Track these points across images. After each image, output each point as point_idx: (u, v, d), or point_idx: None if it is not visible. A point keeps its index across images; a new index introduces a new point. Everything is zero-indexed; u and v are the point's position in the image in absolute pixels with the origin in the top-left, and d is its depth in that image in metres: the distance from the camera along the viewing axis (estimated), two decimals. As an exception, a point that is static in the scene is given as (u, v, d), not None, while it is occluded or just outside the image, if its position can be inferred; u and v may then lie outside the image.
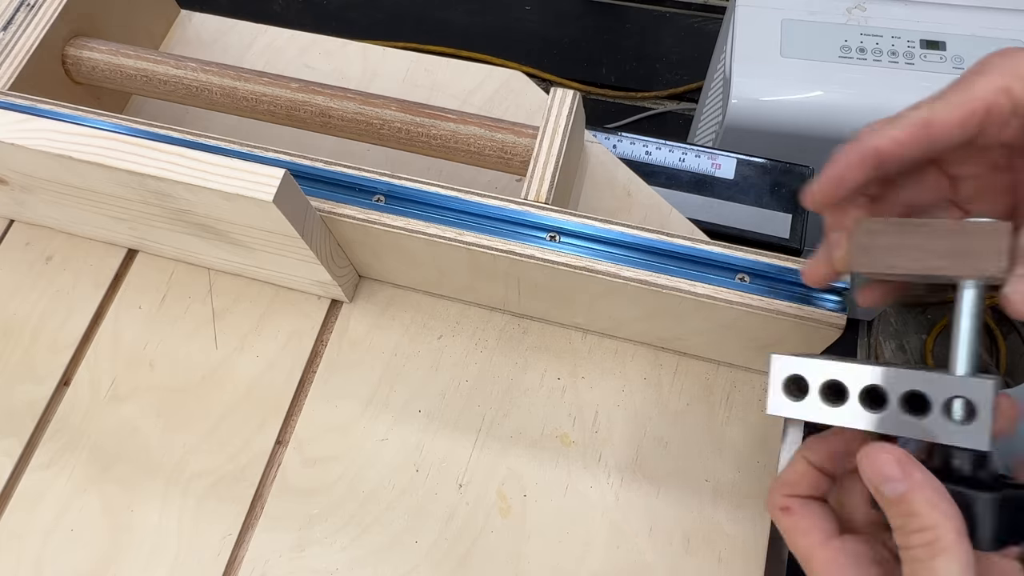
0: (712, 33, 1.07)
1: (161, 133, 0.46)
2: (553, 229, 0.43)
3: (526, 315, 0.52)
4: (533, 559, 0.45)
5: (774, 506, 0.33)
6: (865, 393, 0.28)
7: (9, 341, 0.52)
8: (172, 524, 0.47)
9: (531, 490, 0.47)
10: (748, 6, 0.82)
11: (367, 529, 0.46)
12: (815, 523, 0.31)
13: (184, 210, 0.42)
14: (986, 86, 0.29)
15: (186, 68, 0.53)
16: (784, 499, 0.33)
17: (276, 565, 0.46)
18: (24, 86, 0.51)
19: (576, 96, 0.48)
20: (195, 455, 0.49)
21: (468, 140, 0.49)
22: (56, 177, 0.43)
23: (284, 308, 0.52)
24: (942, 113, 0.29)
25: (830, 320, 0.39)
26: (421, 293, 0.53)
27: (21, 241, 0.56)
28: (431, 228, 0.43)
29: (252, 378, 0.50)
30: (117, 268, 0.54)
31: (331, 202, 0.44)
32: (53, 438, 0.49)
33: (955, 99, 0.29)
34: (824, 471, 0.33)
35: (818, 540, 0.31)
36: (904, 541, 0.26)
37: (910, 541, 0.26)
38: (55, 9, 0.53)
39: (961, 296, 0.29)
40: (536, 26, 1.53)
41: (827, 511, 0.32)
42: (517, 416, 0.49)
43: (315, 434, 0.49)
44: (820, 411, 0.29)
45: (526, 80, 0.61)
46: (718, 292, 0.40)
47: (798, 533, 0.31)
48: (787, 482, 0.33)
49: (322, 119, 0.51)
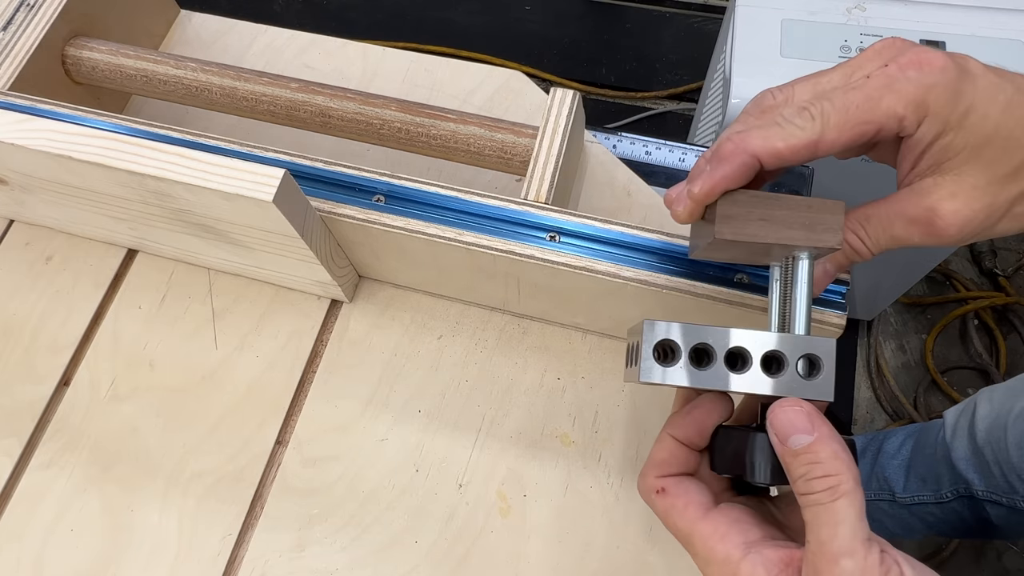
0: (712, 33, 1.07)
1: (161, 133, 0.46)
2: (553, 229, 0.43)
3: (526, 315, 0.52)
4: (533, 559, 0.45)
5: (649, 489, 0.33)
6: (728, 355, 0.30)
7: (9, 341, 0.52)
8: (172, 524, 0.47)
9: (531, 490, 0.47)
10: (748, 6, 0.82)
11: (367, 529, 0.46)
12: (691, 499, 0.32)
13: (184, 210, 0.42)
14: (885, 110, 0.29)
15: (186, 68, 0.53)
16: (657, 480, 0.33)
17: (276, 565, 0.46)
18: (24, 86, 0.51)
19: (576, 96, 0.48)
20: (195, 455, 0.49)
21: (468, 140, 0.49)
22: (56, 177, 0.43)
23: (284, 308, 0.53)
24: (833, 134, 0.29)
25: (830, 320, 0.39)
26: (421, 293, 0.53)
27: (21, 241, 0.56)
28: (431, 228, 0.43)
29: (252, 378, 0.50)
30: (117, 268, 0.54)
31: (331, 202, 0.43)
32: (53, 438, 0.49)
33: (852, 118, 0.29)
34: (691, 446, 0.33)
35: (697, 515, 0.31)
36: (807, 487, 0.27)
37: (813, 487, 0.27)
38: (55, 9, 0.53)
39: (799, 265, 0.31)
40: (536, 26, 1.53)
41: (700, 485, 0.33)
42: (517, 416, 0.49)
43: (315, 434, 0.49)
44: (690, 374, 0.30)
45: (526, 80, 0.61)
46: (718, 292, 0.40)
47: (675, 513, 0.32)
48: (657, 463, 0.33)
49: (322, 119, 0.51)
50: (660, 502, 0.32)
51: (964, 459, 0.78)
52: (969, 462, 0.78)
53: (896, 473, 0.89)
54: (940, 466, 0.82)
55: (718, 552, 0.30)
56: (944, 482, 0.82)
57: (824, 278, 0.33)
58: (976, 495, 0.78)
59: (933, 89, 0.29)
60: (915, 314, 1.29)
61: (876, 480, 0.91)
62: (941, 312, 1.28)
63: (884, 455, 0.91)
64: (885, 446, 0.92)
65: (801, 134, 0.30)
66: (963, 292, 1.27)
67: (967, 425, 0.78)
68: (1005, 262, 1.30)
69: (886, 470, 0.90)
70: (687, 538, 0.31)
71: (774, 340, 0.30)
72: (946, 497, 0.82)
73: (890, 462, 0.90)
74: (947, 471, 0.81)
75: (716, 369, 0.30)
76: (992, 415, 0.75)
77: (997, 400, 0.76)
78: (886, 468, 0.90)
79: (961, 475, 0.79)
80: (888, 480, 0.89)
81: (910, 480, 0.87)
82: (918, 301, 1.29)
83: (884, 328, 1.28)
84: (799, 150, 0.30)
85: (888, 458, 0.91)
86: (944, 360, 1.25)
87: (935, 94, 0.29)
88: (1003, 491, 0.75)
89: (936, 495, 0.84)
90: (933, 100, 0.29)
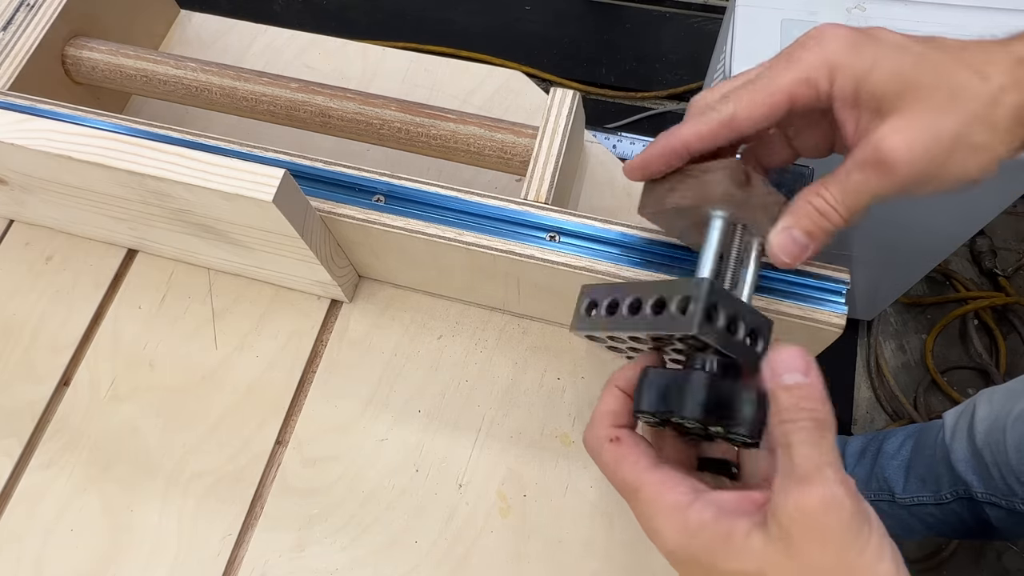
0: (712, 33, 1.07)
1: (161, 133, 0.46)
2: (553, 229, 0.43)
3: (526, 315, 0.52)
4: (533, 559, 0.45)
5: (601, 439, 0.33)
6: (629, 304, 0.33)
7: (9, 341, 0.52)
8: (172, 524, 0.47)
9: (531, 490, 0.47)
10: (748, 6, 0.82)
11: (367, 529, 0.46)
12: (643, 451, 0.32)
13: (184, 210, 0.42)
14: (790, 78, 0.32)
15: (186, 68, 0.53)
16: (612, 429, 0.33)
17: (276, 565, 0.46)
18: (24, 86, 0.51)
19: (576, 96, 0.48)
20: (195, 455, 0.49)
21: (468, 140, 0.49)
22: (56, 177, 0.43)
23: (284, 308, 0.52)
24: (744, 111, 0.32)
25: (830, 320, 0.39)
26: (421, 293, 0.53)
27: (21, 241, 0.56)
28: (431, 228, 0.43)
29: (252, 378, 0.50)
30: (117, 268, 0.54)
31: (331, 202, 0.43)
32: (53, 438, 0.49)
33: (760, 93, 0.32)
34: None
35: (648, 465, 0.32)
36: (793, 415, 0.28)
37: (799, 416, 0.28)
38: (55, 9, 0.53)
39: (712, 225, 0.34)
40: (536, 26, 1.53)
41: (646, 441, 0.33)
42: (517, 416, 0.49)
43: (315, 434, 0.49)
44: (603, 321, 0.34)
45: (526, 80, 0.61)
46: (718, 292, 0.40)
47: (627, 463, 0.32)
48: (607, 413, 0.34)
49: (322, 119, 0.51)
50: (612, 451, 0.32)
51: (964, 461, 0.78)
52: (968, 464, 0.78)
53: (896, 473, 0.89)
54: (940, 467, 0.82)
55: (667, 499, 0.30)
56: (944, 483, 0.82)
57: (794, 246, 0.32)
58: (975, 497, 0.78)
59: (834, 51, 0.31)
60: (915, 314, 1.29)
61: (876, 480, 0.91)
62: (941, 312, 1.28)
63: (884, 455, 0.91)
64: (885, 446, 0.92)
65: (717, 116, 0.33)
66: (963, 292, 1.27)
67: (966, 427, 0.78)
68: (1005, 262, 1.30)
69: (886, 470, 0.90)
70: (635, 490, 0.31)
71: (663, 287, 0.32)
72: (945, 498, 0.82)
73: (890, 462, 0.90)
74: (947, 472, 0.81)
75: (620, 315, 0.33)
76: (991, 417, 0.75)
77: (996, 402, 0.76)
78: (886, 468, 0.90)
79: (960, 477, 0.79)
80: (888, 480, 0.89)
81: (910, 481, 0.87)
82: (918, 301, 1.29)
83: (884, 328, 1.28)
84: (718, 129, 0.33)
85: (888, 458, 0.91)
86: (944, 360, 1.25)
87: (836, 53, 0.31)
88: (1002, 493, 0.75)
89: (936, 496, 0.84)
90: (836, 57, 0.31)
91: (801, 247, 0.32)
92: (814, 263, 0.41)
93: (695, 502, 0.29)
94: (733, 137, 0.33)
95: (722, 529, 0.28)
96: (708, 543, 0.28)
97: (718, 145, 0.34)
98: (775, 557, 0.27)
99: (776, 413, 0.29)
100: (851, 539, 0.26)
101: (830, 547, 0.26)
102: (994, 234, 1.31)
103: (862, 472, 0.94)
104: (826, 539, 0.26)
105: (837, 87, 0.32)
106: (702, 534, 0.29)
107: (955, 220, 0.91)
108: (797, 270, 0.41)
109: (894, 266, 1.05)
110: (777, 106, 0.32)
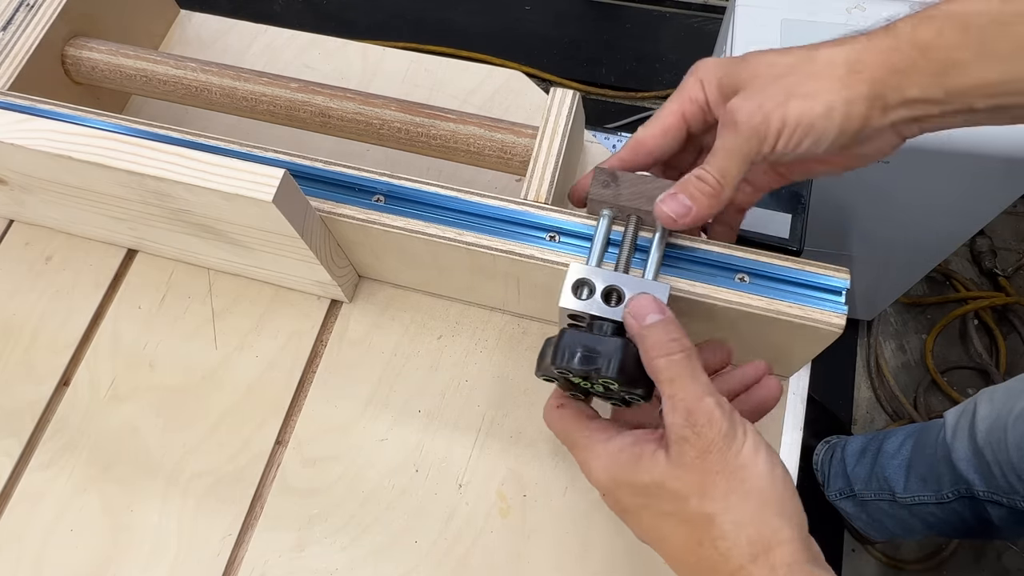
0: (712, 33, 1.07)
1: (161, 133, 0.46)
2: (553, 229, 0.43)
3: (526, 315, 0.52)
4: (533, 559, 0.45)
5: (552, 407, 0.39)
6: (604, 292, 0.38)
7: (9, 341, 0.52)
8: (172, 524, 0.47)
9: (531, 490, 0.47)
10: (748, 6, 0.82)
11: (367, 529, 0.46)
12: (581, 410, 0.39)
13: (184, 210, 0.42)
14: (676, 101, 0.40)
15: (186, 68, 0.53)
16: (558, 399, 0.40)
17: (276, 565, 0.46)
18: (24, 86, 0.51)
19: (576, 96, 0.48)
20: (195, 455, 0.49)
21: (468, 140, 0.49)
22: (56, 177, 0.43)
23: (284, 308, 0.52)
24: (646, 133, 0.41)
25: (830, 320, 0.39)
26: (421, 293, 0.53)
27: (21, 241, 0.56)
28: (431, 228, 0.43)
29: (252, 378, 0.50)
30: (117, 268, 0.54)
31: (331, 202, 0.43)
32: (53, 438, 0.49)
33: (657, 119, 0.41)
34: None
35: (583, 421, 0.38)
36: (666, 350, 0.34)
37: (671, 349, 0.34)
38: (55, 9, 0.53)
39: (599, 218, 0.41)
40: (536, 26, 1.53)
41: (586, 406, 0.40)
42: (517, 416, 0.49)
43: (315, 434, 0.49)
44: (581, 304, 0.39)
45: (526, 80, 0.61)
46: (717, 292, 0.40)
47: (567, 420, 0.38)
48: (556, 393, 0.41)
49: (322, 119, 0.51)
50: (558, 415, 0.39)
51: (965, 460, 0.78)
52: (970, 463, 0.78)
53: (896, 473, 0.89)
54: (940, 466, 0.82)
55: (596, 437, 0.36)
56: (945, 482, 0.82)
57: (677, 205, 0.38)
58: (977, 496, 0.78)
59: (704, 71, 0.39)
60: (915, 314, 1.29)
61: (876, 480, 0.91)
62: (941, 312, 1.28)
63: (884, 455, 0.91)
64: (885, 446, 0.92)
65: (630, 142, 0.41)
66: (963, 292, 1.27)
67: (967, 426, 0.78)
68: (1005, 262, 1.30)
69: (886, 470, 0.90)
70: (574, 441, 0.37)
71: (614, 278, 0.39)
72: (947, 497, 0.82)
73: (890, 462, 0.90)
74: (947, 471, 0.81)
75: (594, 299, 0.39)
76: (992, 416, 0.75)
77: (997, 401, 0.75)
78: (886, 468, 0.90)
79: (962, 476, 0.79)
80: (888, 480, 0.89)
81: (910, 480, 0.87)
82: (918, 301, 1.29)
83: (884, 328, 1.28)
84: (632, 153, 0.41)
85: (888, 458, 0.90)
86: (944, 360, 1.25)
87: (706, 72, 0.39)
88: (1004, 491, 0.75)
89: (937, 495, 0.84)
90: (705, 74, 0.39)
91: (684, 207, 0.37)
92: (814, 263, 0.41)
93: (616, 435, 0.36)
94: (647, 159, 0.41)
95: (636, 450, 0.35)
96: (625, 463, 0.35)
97: (639, 166, 0.41)
98: (673, 469, 0.33)
99: (648, 351, 0.34)
100: (727, 444, 0.32)
101: (712, 455, 0.32)
102: (994, 234, 1.31)
103: (862, 472, 0.94)
104: (707, 448, 0.32)
105: (709, 93, 0.39)
106: (620, 456, 0.35)
107: (955, 220, 0.91)
108: (797, 270, 0.41)
109: (894, 266, 1.05)
110: (671, 126, 0.40)
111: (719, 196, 0.37)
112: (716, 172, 0.37)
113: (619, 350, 0.36)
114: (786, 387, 0.49)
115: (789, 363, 0.47)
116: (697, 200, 0.37)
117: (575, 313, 0.39)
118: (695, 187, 0.37)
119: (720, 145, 0.37)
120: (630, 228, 0.41)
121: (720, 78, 0.39)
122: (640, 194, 0.41)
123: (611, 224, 0.41)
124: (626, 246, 0.41)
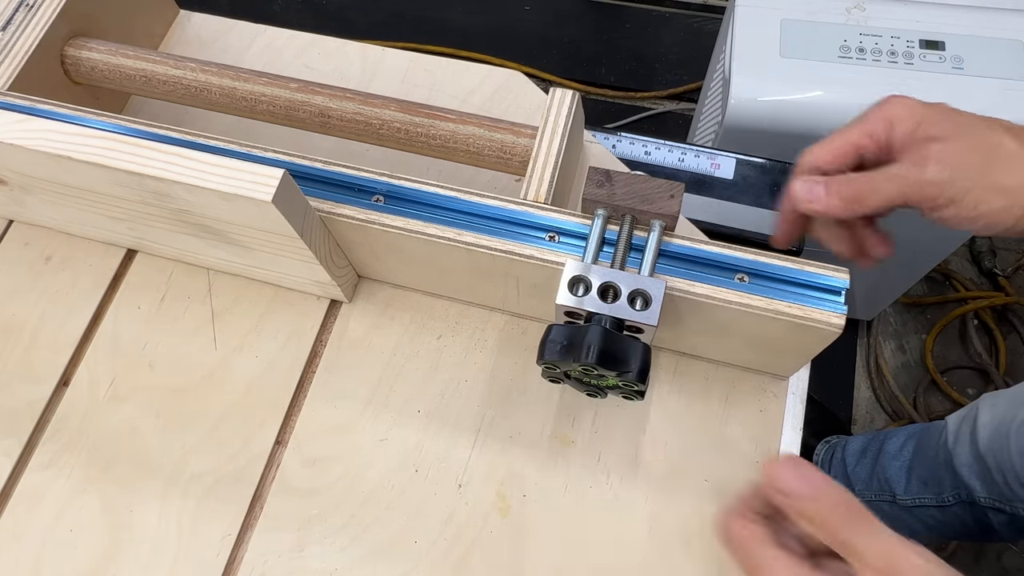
0: (712, 33, 1.07)
1: (160, 133, 0.46)
2: (552, 229, 0.43)
3: (526, 315, 0.52)
4: (533, 559, 0.45)
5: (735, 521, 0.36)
6: (600, 289, 0.39)
7: (9, 341, 0.52)
8: (172, 524, 0.47)
9: (531, 490, 0.47)
10: (748, 6, 0.82)
11: (367, 529, 0.46)
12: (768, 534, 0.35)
13: (183, 210, 0.42)
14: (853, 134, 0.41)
15: (185, 68, 0.53)
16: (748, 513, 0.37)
17: (276, 565, 0.46)
18: (23, 86, 0.51)
19: (575, 96, 0.48)
20: (195, 455, 0.49)
21: (467, 140, 0.49)
22: (55, 177, 0.43)
23: (283, 308, 0.52)
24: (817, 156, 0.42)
25: (829, 320, 0.39)
26: (421, 293, 0.53)
27: (21, 241, 0.55)
28: (430, 228, 0.43)
29: (251, 378, 0.50)
30: (116, 268, 0.54)
31: (330, 202, 0.43)
32: (53, 438, 0.49)
33: (829, 143, 0.42)
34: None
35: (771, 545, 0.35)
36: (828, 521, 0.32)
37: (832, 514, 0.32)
38: (54, 9, 0.53)
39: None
40: (536, 26, 1.53)
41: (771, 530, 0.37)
42: (517, 416, 0.49)
43: (314, 434, 0.49)
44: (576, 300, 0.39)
45: (525, 80, 0.61)
46: (717, 292, 0.40)
47: (755, 542, 0.35)
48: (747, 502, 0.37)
49: (321, 119, 0.51)
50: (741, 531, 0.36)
51: (966, 466, 0.78)
52: (971, 469, 0.78)
53: (897, 474, 0.89)
54: (941, 470, 0.82)
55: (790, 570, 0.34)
56: (945, 486, 0.82)
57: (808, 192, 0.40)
58: (978, 501, 0.78)
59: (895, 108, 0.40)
60: (915, 314, 1.29)
61: (877, 481, 0.91)
62: (941, 312, 1.28)
63: (885, 455, 0.91)
64: (886, 446, 0.92)
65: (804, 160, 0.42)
66: (963, 292, 1.27)
67: (969, 432, 0.78)
68: (1005, 262, 1.30)
69: (887, 471, 0.90)
70: (757, 564, 0.35)
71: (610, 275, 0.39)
72: (947, 501, 0.82)
73: (891, 463, 0.90)
74: (948, 476, 0.81)
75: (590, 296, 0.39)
76: (995, 423, 0.74)
77: (1000, 408, 0.75)
78: (887, 469, 0.90)
79: (963, 481, 0.78)
80: (889, 481, 0.89)
81: (911, 482, 0.87)
82: (918, 301, 1.29)
83: (884, 328, 1.28)
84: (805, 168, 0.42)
85: (889, 459, 0.90)
86: (944, 360, 1.25)
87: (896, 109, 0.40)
88: (1006, 498, 0.75)
89: (937, 498, 0.83)
90: (895, 112, 0.40)
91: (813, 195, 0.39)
92: (814, 263, 0.41)
93: (815, 569, 0.33)
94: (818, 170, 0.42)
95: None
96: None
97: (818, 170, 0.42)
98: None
99: (813, 527, 0.32)
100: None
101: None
102: (994, 234, 1.31)
103: (863, 472, 0.94)
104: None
105: (896, 133, 0.39)
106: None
107: (955, 220, 0.91)
108: (796, 270, 0.41)
109: (894, 266, 1.05)
110: (848, 153, 0.41)
111: (850, 208, 0.38)
112: (867, 186, 0.38)
113: (599, 336, 0.37)
114: (786, 387, 0.49)
115: (789, 363, 0.47)
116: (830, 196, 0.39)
117: (571, 310, 0.39)
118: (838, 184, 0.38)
119: (896, 172, 0.38)
120: (625, 227, 0.42)
121: (917, 125, 0.39)
122: (634, 194, 0.41)
123: (606, 223, 0.42)
124: (621, 244, 0.41)
